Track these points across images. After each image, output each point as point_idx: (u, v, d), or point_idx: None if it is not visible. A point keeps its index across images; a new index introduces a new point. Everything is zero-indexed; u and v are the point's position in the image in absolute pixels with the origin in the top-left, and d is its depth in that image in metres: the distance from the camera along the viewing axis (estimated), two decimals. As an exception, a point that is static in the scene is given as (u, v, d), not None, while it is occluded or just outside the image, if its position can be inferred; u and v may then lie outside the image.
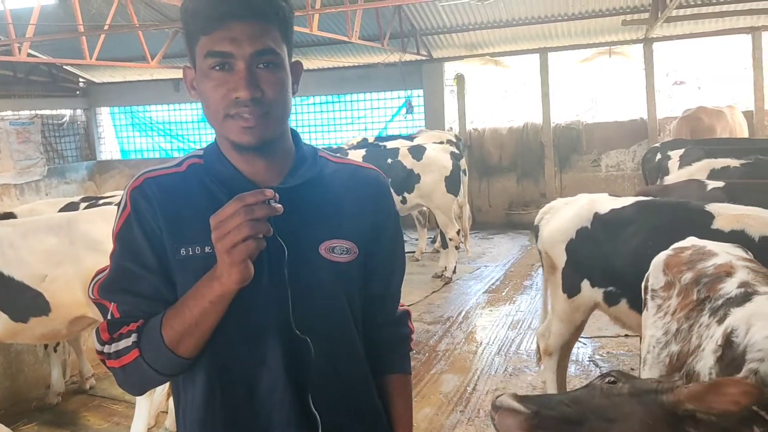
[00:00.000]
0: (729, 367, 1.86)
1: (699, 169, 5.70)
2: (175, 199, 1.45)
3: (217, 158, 1.48)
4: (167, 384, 2.77)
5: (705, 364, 2.05)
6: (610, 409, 1.65)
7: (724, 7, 9.94)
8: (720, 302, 2.18)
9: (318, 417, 1.45)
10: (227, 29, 1.35)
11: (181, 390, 1.50)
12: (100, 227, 4.00)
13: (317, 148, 1.62)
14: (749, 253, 2.74)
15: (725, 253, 2.54)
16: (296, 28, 8.25)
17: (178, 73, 12.09)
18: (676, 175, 5.93)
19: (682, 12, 9.86)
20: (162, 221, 1.42)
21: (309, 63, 12.69)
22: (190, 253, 1.41)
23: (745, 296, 2.11)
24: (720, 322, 2.07)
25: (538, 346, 4.48)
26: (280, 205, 1.29)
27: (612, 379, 1.71)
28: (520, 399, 1.67)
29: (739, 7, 9.89)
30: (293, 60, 1.48)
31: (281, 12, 1.40)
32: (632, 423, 1.62)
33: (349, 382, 1.53)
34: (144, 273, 1.42)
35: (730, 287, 2.22)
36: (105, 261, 1.49)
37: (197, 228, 1.39)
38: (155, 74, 13.84)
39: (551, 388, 4.26)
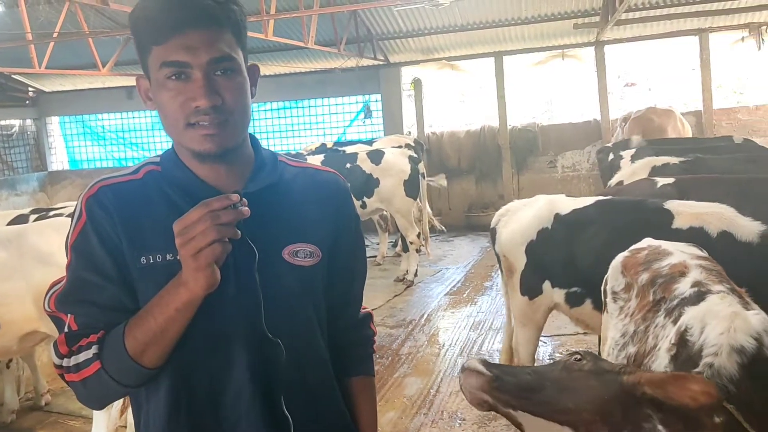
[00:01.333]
0: (684, 365, 1.90)
1: (642, 167, 5.85)
2: (132, 207, 1.42)
3: (176, 165, 1.46)
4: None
5: (660, 363, 2.09)
6: (567, 381, 1.72)
7: (672, 10, 10.22)
8: (675, 303, 2.22)
9: (290, 419, 1.44)
10: (180, 38, 1.32)
11: (144, 400, 1.47)
12: (51, 239, 3.89)
13: (276, 153, 1.61)
14: (704, 250, 2.80)
15: (680, 252, 2.59)
16: (251, 34, 8.17)
17: (130, 81, 11.88)
18: (620, 173, 6.06)
19: (631, 15, 10.11)
20: (120, 229, 1.39)
21: (265, 69, 12.59)
22: (151, 261, 1.39)
23: (699, 296, 2.15)
24: (674, 321, 2.11)
25: (508, 361, 4.47)
26: (246, 209, 1.28)
27: (578, 357, 1.77)
28: (485, 363, 1.76)
29: (686, 9, 10.19)
30: (249, 63, 1.46)
31: (233, 16, 1.38)
32: (587, 395, 1.68)
33: (315, 386, 1.53)
34: (103, 283, 1.39)
35: (684, 287, 2.26)
36: (57, 274, 1.45)
37: (157, 235, 1.37)
38: (107, 82, 13.56)
39: None
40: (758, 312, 1.96)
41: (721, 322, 1.89)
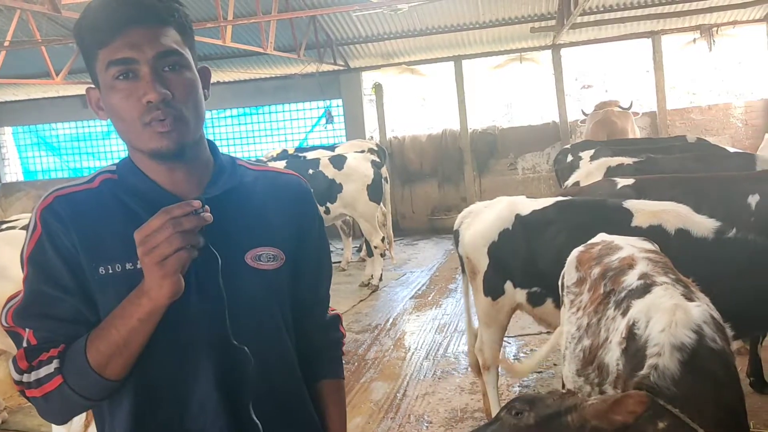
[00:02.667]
0: (634, 358, 1.97)
1: (597, 168, 5.97)
2: (89, 217, 1.39)
3: (132, 172, 1.43)
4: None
5: (612, 356, 2.15)
6: None
7: (626, 13, 10.46)
8: (623, 294, 2.29)
9: (260, 426, 1.43)
10: (124, 37, 1.31)
11: (107, 413, 1.43)
12: (4, 253, 3.79)
13: (235, 157, 1.59)
14: (655, 244, 2.87)
15: (629, 246, 2.66)
16: (209, 40, 8.08)
17: (85, 89, 11.64)
18: (576, 174, 6.18)
19: (586, 19, 10.31)
20: (77, 240, 1.36)
21: (224, 75, 12.49)
22: (110, 271, 1.36)
23: (645, 288, 2.23)
24: (624, 314, 2.18)
25: (475, 362, 4.49)
26: (209, 215, 1.26)
27: (516, 410, 1.77)
28: None
29: (639, 13, 10.44)
30: (200, 66, 1.45)
31: (177, 15, 1.38)
32: None
33: (283, 391, 1.52)
34: (61, 295, 1.36)
35: (631, 279, 2.34)
36: (11, 288, 1.43)
37: (116, 245, 1.35)
38: (61, 91, 13.28)
39: (494, 405, 4.27)
40: (699, 303, 2.03)
41: (663, 316, 1.96)
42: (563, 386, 2.92)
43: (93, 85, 1.41)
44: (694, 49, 11.34)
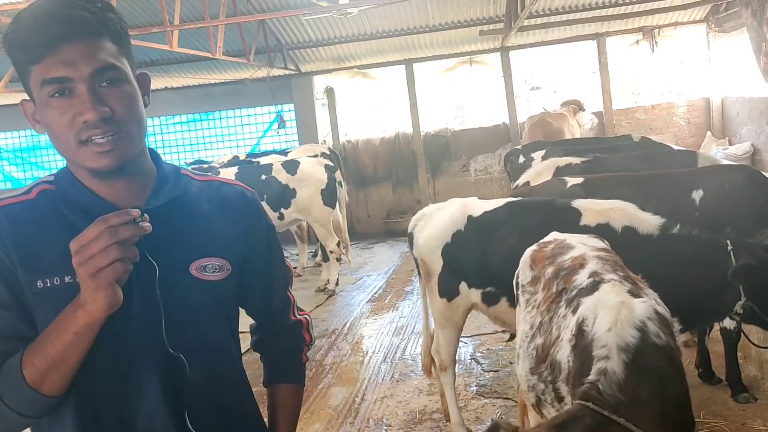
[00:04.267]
0: (582, 354, 2.01)
1: (546, 168, 6.08)
2: (26, 229, 1.35)
3: (71, 183, 1.40)
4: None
5: (563, 353, 2.19)
6: None
7: (571, 16, 10.67)
8: (574, 293, 2.34)
9: None
10: (57, 54, 1.27)
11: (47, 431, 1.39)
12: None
13: (179, 166, 1.57)
14: (606, 242, 2.93)
15: (581, 244, 2.71)
16: (156, 45, 7.91)
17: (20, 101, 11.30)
18: (526, 174, 6.27)
19: (533, 21, 10.49)
20: (13, 253, 1.32)
21: (172, 81, 12.28)
22: (48, 284, 1.32)
23: (594, 285, 2.28)
24: (574, 312, 2.24)
25: (428, 363, 4.50)
26: (148, 224, 1.23)
27: None
28: None
29: (584, 15, 10.67)
30: (138, 72, 1.42)
31: (111, 24, 1.33)
32: None
33: (228, 401, 1.51)
34: None
35: (582, 278, 2.39)
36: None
37: (54, 257, 1.31)
38: (2, 99, 12.81)
39: (452, 405, 4.29)
40: (645, 299, 2.09)
41: (609, 314, 2.01)
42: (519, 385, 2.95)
43: (28, 98, 1.36)
44: (637, 51, 11.64)
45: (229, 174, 8.04)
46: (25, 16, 1.30)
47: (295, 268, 9.52)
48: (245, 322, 1.74)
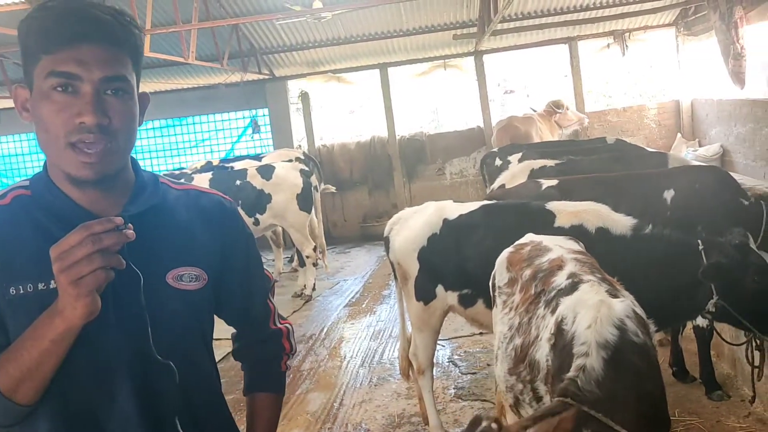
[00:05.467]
0: (562, 353, 2.03)
1: (521, 170, 6.14)
2: (0, 234, 1.33)
3: (48, 189, 1.37)
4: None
5: (542, 353, 2.20)
6: None
7: (543, 20, 10.78)
8: (552, 294, 2.36)
9: None
10: (74, 50, 1.26)
11: None
12: None
13: (157, 174, 1.56)
14: (581, 244, 2.96)
15: (558, 247, 2.73)
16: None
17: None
18: (501, 177, 6.31)
19: (506, 25, 10.58)
20: None
21: (144, 86, 11.90)
22: (21, 291, 1.30)
23: (573, 286, 2.30)
24: (553, 312, 2.26)
25: (405, 367, 4.50)
26: (132, 232, 1.22)
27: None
28: None
29: (556, 19, 10.78)
30: (140, 93, 1.42)
31: (133, 39, 1.34)
32: None
33: (203, 410, 1.50)
34: None
35: (560, 279, 2.41)
36: None
37: (28, 264, 1.30)
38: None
39: (430, 408, 4.29)
40: (623, 299, 2.11)
41: (588, 312, 2.04)
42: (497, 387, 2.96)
43: (23, 84, 1.34)
44: (608, 54, 11.79)
45: (203, 180, 7.97)
46: (53, 6, 1.29)
47: (271, 274, 9.45)
48: (222, 329, 1.73)
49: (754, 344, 3.44)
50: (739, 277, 3.20)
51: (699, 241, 3.35)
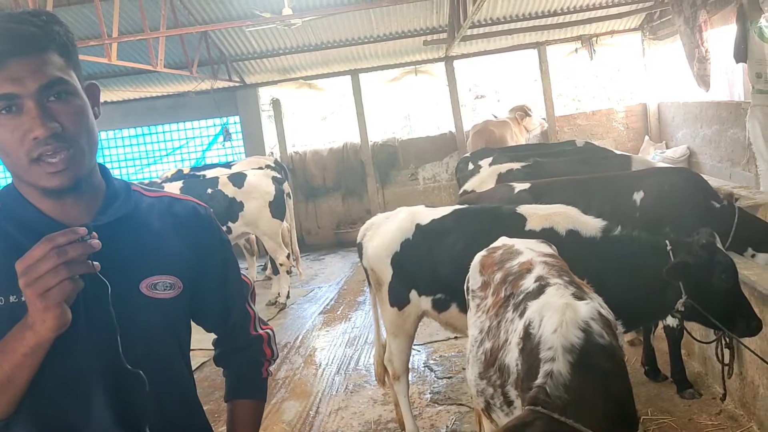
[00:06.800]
0: (529, 357, 2.04)
1: (489, 175, 6.19)
2: None
3: (16, 201, 1.37)
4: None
5: (512, 357, 2.21)
6: None
7: (512, 25, 10.89)
8: (521, 297, 2.37)
9: None
10: (4, 70, 1.25)
11: None
12: None
13: (130, 182, 1.55)
14: (553, 246, 2.98)
15: (529, 250, 2.75)
16: (94, 59, 7.68)
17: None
18: (470, 181, 6.35)
19: (476, 31, 10.66)
20: None
21: (113, 95, 11.99)
22: None
23: (540, 289, 2.32)
24: (521, 315, 2.27)
25: (381, 373, 4.48)
26: (97, 241, 1.21)
27: None
28: None
29: (525, 24, 10.90)
30: (87, 83, 1.40)
31: (58, 38, 1.31)
32: None
33: (178, 418, 1.49)
34: None
35: (528, 282, 2.43)
36: None
37: None
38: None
39: (406, 414, 4.28)
40: (588, 301, 2.13)
41: (554, 316, 2.06)
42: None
43: None
44: (576, 59, 11.94)
45: (173, 189, 7.87)
46: None
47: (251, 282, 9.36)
48: (199, 339, 1.71)
49: (723, 342, 3.48)
50: (707, 276, 3.24)
51: (667, 242, 3.40)
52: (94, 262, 1.23)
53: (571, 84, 13.03)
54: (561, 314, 2.02)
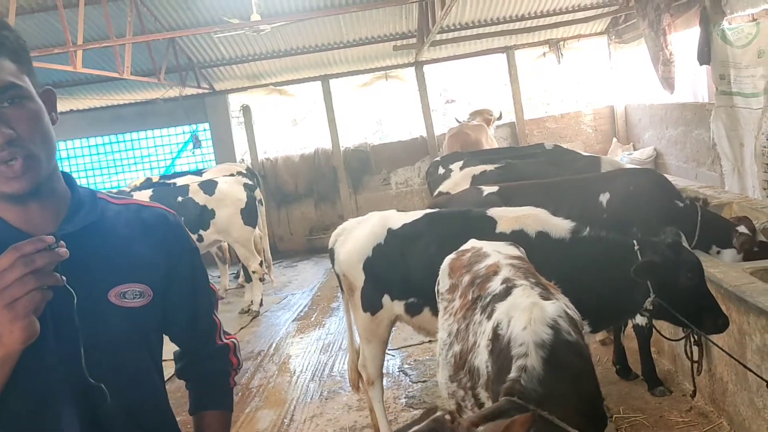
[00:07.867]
0: (500, 357, 2.05)
1: (463, 177, 6.23)
2: None
3: None
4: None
5: (481, 359, 2.22)
6: None
7: (480, 30, 10.97)
8: (488, 299, 2.39)
9: None
10: None
11: None
12: None
13: (96, 190, 1.52)
14: (521, 249, 3.00)
15: (496, 252, 2.77)
16: (59, 67, 7.54)
17: None
18: (444, 184, 6.39)
19: (445, 36, 10.72)
20: None
21: (79, 103, 11.81)
22: None
23: (506, 291, 2.34)
24: (489, 317, 2.28)
25: (355, 379, 4.47)
26: (65, 250, 1.19)
27: None
28: None
29: (493, 29, 10.99)
30: (43, 89, 1.37)
31: (7, 42, 1.29)
32: None
33: (153, 428, 1.47)
34: None
35: (495, 285, 2.45)
36: None
37: None
38: None
39: (381, 419, 4.27)
40: (554, 301, 2.16)
41: (522, 314, 2.08)
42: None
43: None
44: (545, 62, 12.08)
45: (143, 197, 7.77)
46: None
47: (217, 290, 9.27)
48: (171, 349, 1.68)
49: (692, 339, 3.54)
50: (674, 275, 3.29)
51: (634, 242, 3.44)
52: (63, 276, 1.20)
53: (540, 87, 13.16)
54: (529, 313, 2.05)
